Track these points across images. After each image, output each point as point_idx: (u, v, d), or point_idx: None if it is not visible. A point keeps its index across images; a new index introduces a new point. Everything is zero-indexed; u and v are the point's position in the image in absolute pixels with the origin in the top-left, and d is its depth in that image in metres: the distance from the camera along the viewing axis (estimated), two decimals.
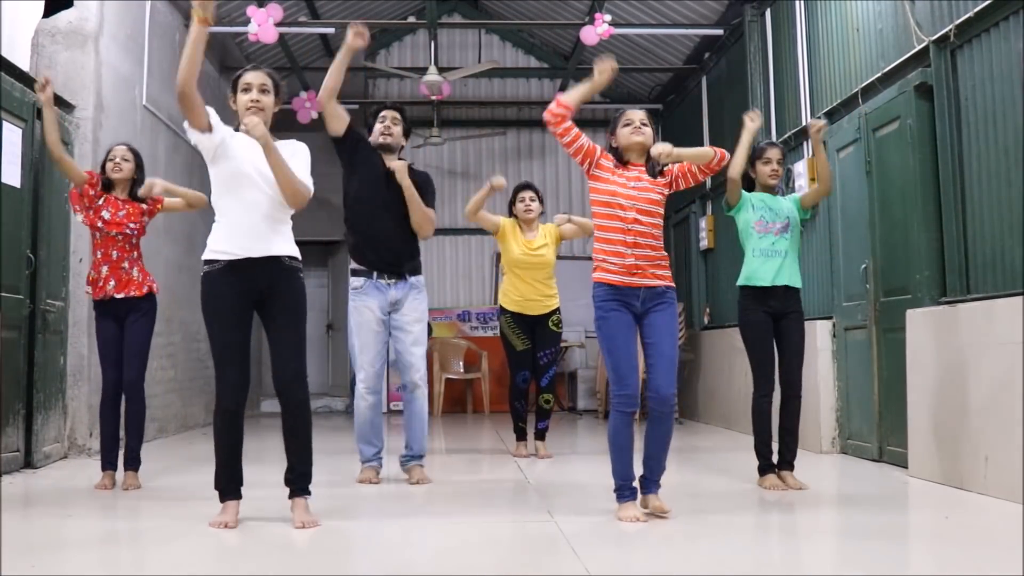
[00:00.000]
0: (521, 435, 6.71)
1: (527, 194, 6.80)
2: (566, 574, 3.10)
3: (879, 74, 6.06)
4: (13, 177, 5.66)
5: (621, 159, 4.28)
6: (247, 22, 8.56)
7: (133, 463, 5.03)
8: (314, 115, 11.16)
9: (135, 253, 5.13)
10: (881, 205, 5.96)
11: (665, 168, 4.25)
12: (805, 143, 7.45)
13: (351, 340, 5.76)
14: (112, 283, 5.01)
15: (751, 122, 4.98)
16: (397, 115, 5.52)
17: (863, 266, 6.16)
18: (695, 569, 3.21)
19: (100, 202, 5.08)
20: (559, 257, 6.89)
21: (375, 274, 5.19)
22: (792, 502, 4.68)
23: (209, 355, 4.12)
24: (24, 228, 5.80)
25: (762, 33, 8.35)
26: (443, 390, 11.32)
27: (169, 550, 3.54)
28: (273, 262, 3.86)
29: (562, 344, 11.31)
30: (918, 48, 5.58)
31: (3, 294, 5.44)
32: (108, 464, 5.03)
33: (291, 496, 3.93)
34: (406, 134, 5.56)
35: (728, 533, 3.83)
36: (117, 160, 5.17)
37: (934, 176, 5.44)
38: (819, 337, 6.62)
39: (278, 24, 8.58)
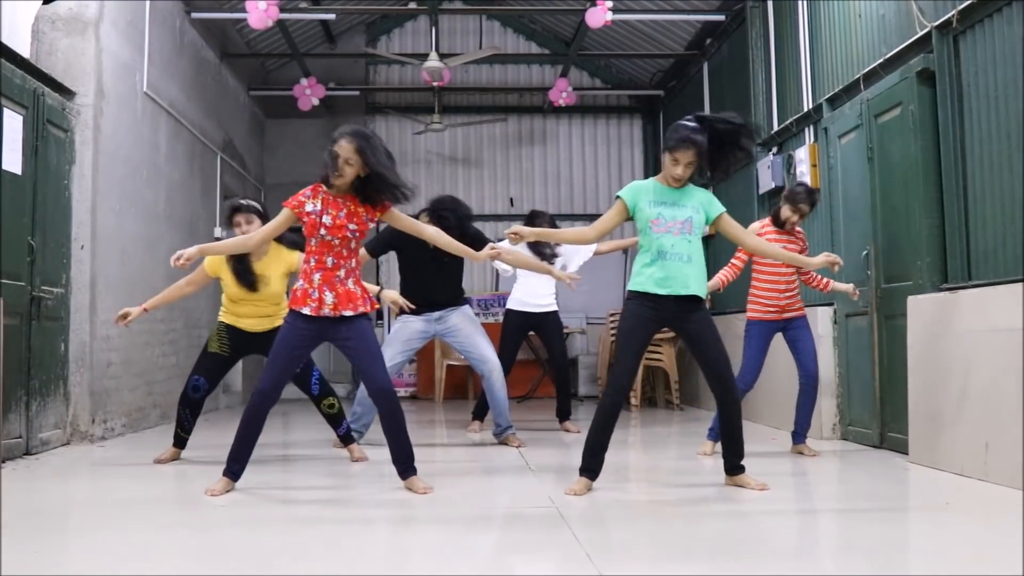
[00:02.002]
0: (180, 443, 5.65)
1: None
2: (565, 554, 3.12)
3: (881, 60, 6.05)
4: (14, 164, 5.65)
5: None
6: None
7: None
8: (315, 102, 11.14)
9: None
10: (882, 191, 5.95)
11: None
12: (806, 129, 7.44)
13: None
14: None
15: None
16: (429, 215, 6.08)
17: (864, 252, 6.16)
18: (697, 551, 3.22)
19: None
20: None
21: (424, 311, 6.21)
22: (792, 488, 4.69)
23: None
24: (26, 215, 5.80)
25: (764, 19, 8.32)
26: (444, 376, 11.33)
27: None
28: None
29: (564, 330, 11.39)
30: (920, 34, 5.57)
31: (4, 280, 5.44)
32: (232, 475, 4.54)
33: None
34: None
35: (728, 516, 3.84)
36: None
37: (936, 162, 5.43)
38: (820, 324, 6.63)
39: (280, 11, 8.55)
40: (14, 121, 5.66)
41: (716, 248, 9.76)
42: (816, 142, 7.20)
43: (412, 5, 12.57)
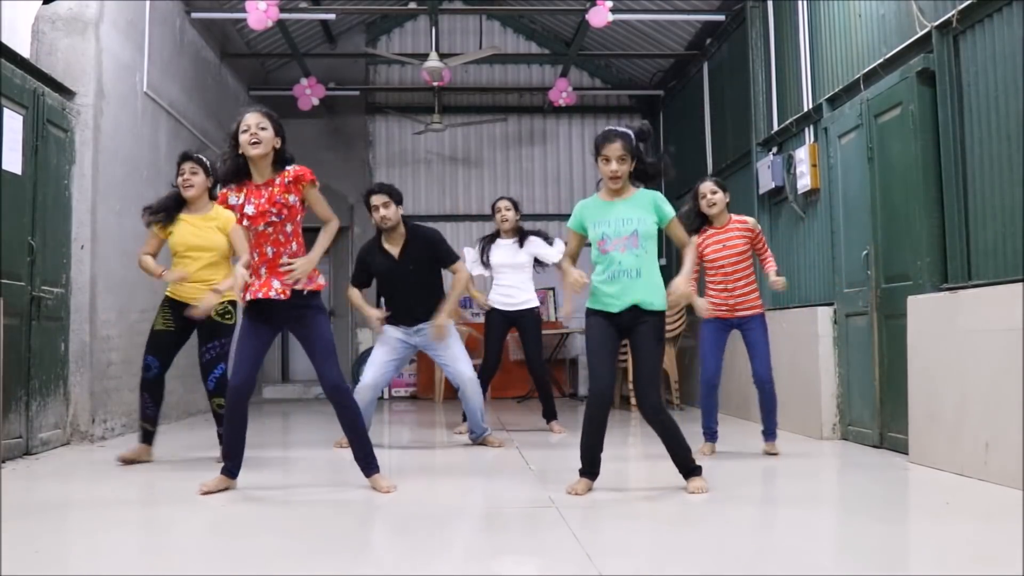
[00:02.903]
0: (147, 437, 5.59)
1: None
2: (564, 552, 3.12)
3: (881, 60, 6.05)
4: (14, 164, 5.65)
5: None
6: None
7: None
8: (315, 102, 11.14)
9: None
10: (882, 191, 5.95)
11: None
12: (806, 129, 7.44)
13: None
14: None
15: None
16: (387, 198, 6.05)
17: (864, 252, 6.16)
18: (697, 551, 3.22)
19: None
20: None
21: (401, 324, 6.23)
22: (792, 488, 4.69)
23: None
24: (26, 215, 5.80)
25: (764, 19, 8.32)
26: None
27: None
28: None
29: (564, 331, 11.36)
30: (920, 34, 5.57)
31: (4, 281, 5.44)
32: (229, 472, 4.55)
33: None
34: (399, 203, 6.14)
35: (729, 518, 3.84)
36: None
37: (936, 162, 5.43)
38: (820, 324, 6.63)
39: (280, 11, 8.56)
40: (14, 121, 5.66)
41: None
42: (816, 142, 7.20)
43: (412, 5, 12.56)
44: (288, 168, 4.37)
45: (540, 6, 11.66)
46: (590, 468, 4.40)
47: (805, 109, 7.39)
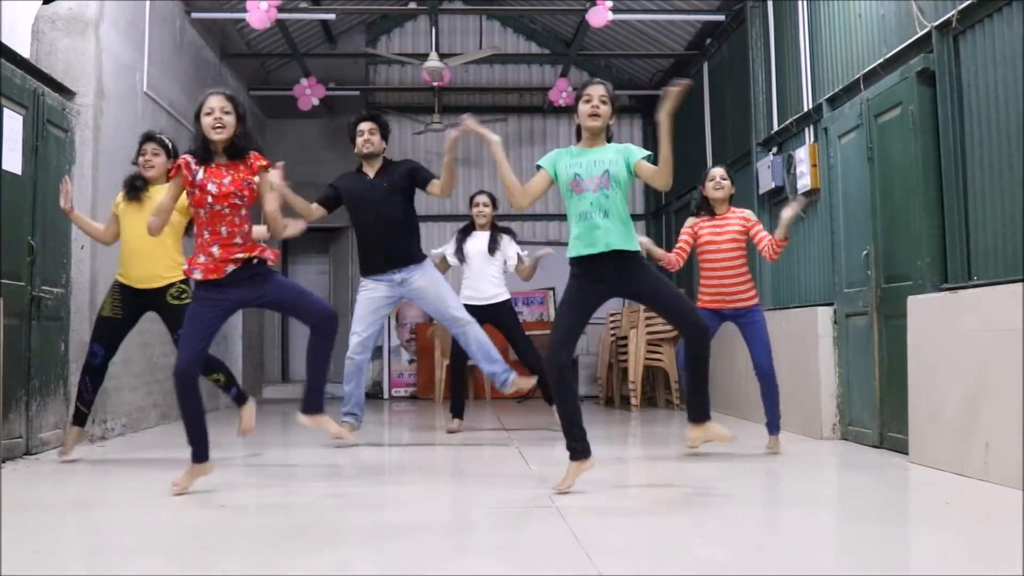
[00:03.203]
0: (80, 419, 5.67)
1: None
2: (562, 548, 3.12)
3: (881, 60, 6.05)
4: (14, 164, 5.65)
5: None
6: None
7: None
8: (315, 101, 11.14)
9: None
10: (883, 191, 5.95)
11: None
12: (806, 129, 7.44)
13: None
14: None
15: None
16: (374, 125, 6.21)
17: (864, 252, 6.16)
18: (697, 550, 3.22)
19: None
20: None
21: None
22: (792, 488, 4.69)
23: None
24: (26, 215, 5.80)
25: (764, 19, 8.32)
26: (445, 376, 11.32)
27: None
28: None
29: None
30: (920, 34, 5.57)
31: (4, 281, 5.44)
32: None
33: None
34: (385, 137, 6.27)
35: (728, 516, 3.84)
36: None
37: (936, 162, 5.43)
38: (820, 323, 6.63)
39: (280, 10, 8.56)
40: (14, 121, 5.66)
41: None
42: (816, 142, 7.20)
43: (412, 5, 12.57)
44: (252, 153, 4.42)
45: (540, 6, 11.66)
46: (575, 444, 4.32)
47: (805, 109, 7.39)
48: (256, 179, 4.39)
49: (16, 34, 6.26)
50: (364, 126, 6.17)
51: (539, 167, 4.49)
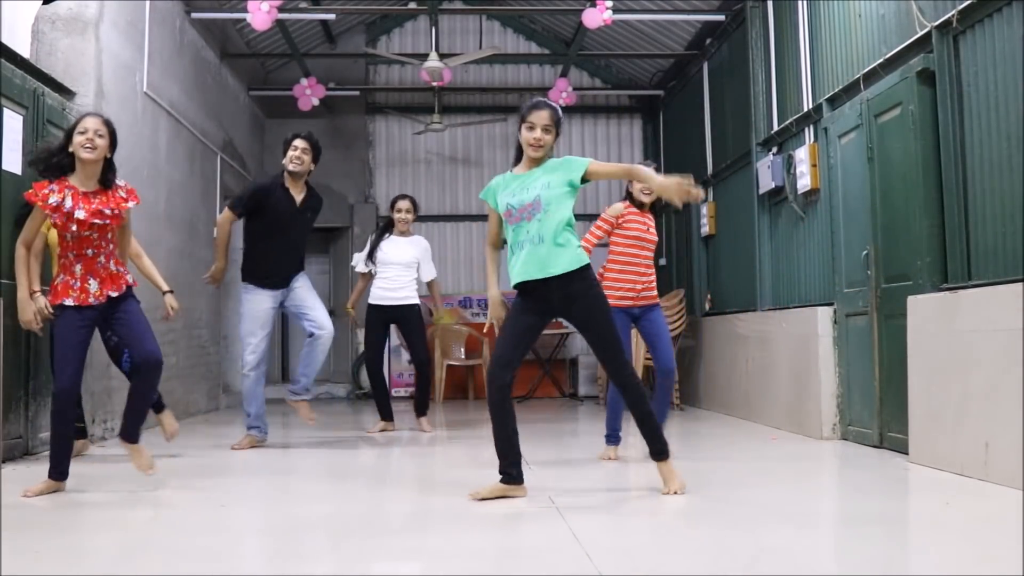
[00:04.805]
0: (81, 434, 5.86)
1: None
2: (564, 551, 3.12)
3: (881, 60, 6.05)
4: (14, 164, 5.65)
5: None
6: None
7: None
8: (315, 102, 11.14)
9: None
10: (882, 191, 5.95)
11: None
12: (806, 129, 7.44)
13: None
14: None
15: None
16: (307, 145, 6.28)
17: (864, 252, 6.16)
18: (697, 550, 3.22)
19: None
20: None
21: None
22: (792, 488, 4.69)
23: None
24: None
25: (764, 19, 8.32)
26: (444, 376, 11.33)
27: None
28: None
29: (564, 332, 11.37)
30: (920, 34, 5.57)
31: (4, 281, 5.44)
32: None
33: None
34: (315, 160, 6.37)
35: (727, 518, 3.84)
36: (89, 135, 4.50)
37: (936, 162, 5.43)
38: (820, 323, 6.63)
39: (280, 11, 8.56)
40: (14, 121, 5.66)
41: (716, 248, 9.77)
42: (816, 142, 7.20)
43: (412, 5, 12.57)
44: (121, 182, 4.60)
45: (540, 6, 11.66)
46: (507, 468, 4.22)
47: (805, 109, 7.39)
48: (126, 207, 4.61)
49: (16, 34, 6.26)
50: (300, 143, 6.26)
51: (484, 201, 4.43)
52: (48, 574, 3.00)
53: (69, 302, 4.39)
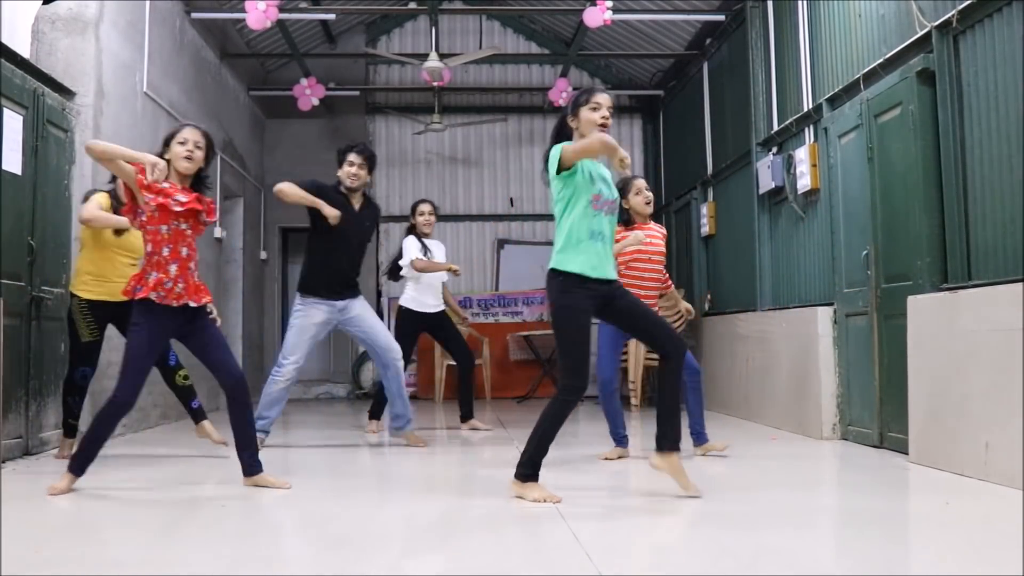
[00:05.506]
0: (71, 432, 5.71)
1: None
2: (562, 548, 3.12)
3: (881, 60, 6.05)
4: (14, 164, 5.65)
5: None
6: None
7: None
8: (315, 102, 11.14)
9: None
10: (882, 191, 5.95)
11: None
12: (806, 129, 7.44)
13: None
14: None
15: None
16: (364, 160, 6.13)
17: (864, 252, 6.16)
18: (697, 550, 3.22)
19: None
20: None
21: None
22: (792, 488, 4.69)
23: None
24: (26, 215, 5.80)
25: (764, 19, 8.32)
26: (444, 376, 11.32)
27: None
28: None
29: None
30: (920, 34, 5.57)
31: (5, 281, 5.44)
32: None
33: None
34: (371, 171, 6.23)
35: (726, 518, 3.84)
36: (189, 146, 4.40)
37: (936, 162, 5.43)
38: (820, 323, 6.63)
39: (280, 10, 8.56)
40: (14, 121, 5.66)
41: (716, 248, 9.77)
42: (816, 142, 7.20)
43: (412, 5, 12.57)
44: (208, 197, 4.49)
45: (540, 6, 11.66)
46: (534, 470, 4.20)
47: (805, 109, 7.39)
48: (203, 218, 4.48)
49: (16, 34, 6.26)
50: (355, 158, 6.09)
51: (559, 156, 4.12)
52: (48, 574, 3.00)
53: (161, 301, 4.26)
